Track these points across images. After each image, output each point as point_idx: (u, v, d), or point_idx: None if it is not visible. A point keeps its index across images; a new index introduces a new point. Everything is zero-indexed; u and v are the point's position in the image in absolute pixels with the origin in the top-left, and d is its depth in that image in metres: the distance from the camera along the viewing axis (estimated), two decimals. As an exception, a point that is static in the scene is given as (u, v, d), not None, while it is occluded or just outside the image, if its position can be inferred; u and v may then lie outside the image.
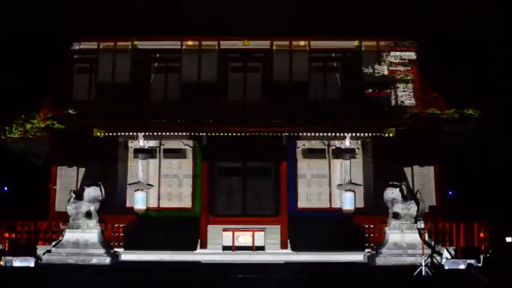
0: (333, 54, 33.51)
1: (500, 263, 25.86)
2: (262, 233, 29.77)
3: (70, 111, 30.77)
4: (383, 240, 27.23)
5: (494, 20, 36.08)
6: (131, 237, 29.51)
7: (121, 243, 29.53)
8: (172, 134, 30.48)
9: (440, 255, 26.51)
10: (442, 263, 25.67)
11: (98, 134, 29.63)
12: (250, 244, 29.51)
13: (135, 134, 30.73)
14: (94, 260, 26.21)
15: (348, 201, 30.83)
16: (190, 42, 33.45)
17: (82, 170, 32.56)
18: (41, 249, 27.25)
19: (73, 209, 27.13)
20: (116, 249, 28.29)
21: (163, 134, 30.35)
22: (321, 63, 33.59)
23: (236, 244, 29.51)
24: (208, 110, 30.71)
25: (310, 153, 32.29)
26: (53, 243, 27.27)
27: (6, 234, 29.27)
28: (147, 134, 30.55)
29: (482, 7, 34.69)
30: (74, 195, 27.44)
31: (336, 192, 31.79)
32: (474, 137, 31.17)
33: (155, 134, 30.41)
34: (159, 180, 32.32)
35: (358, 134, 30.27)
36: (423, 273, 22.67)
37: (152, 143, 31.96)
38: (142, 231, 29.69)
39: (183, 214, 31.45)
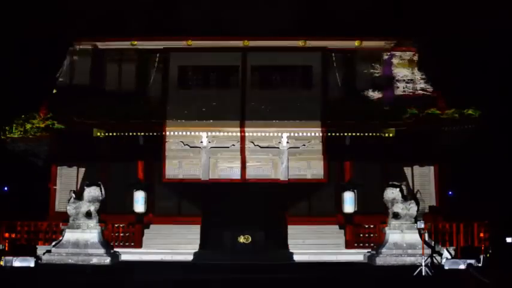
0: (333, 54, 33.49)
1: (500, 263, 25.84)
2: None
3: (70, 111, 30.74)
4: (383, 240, 27.21)
5: (494, 20, 36.06)
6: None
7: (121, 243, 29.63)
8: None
9: (440, 255, 26.48)
10: (442, 263, 25.65)
11: (98, 134, 29.61)
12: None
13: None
14: (94, 260, 26.18)
15: (347, 202, 30.57)
16: (189, 42, 33.43)
17: (82, 170, 32.58)
18: (41, 249, 27.19)
19: (73, 209, 27.11)
20: (116, 249, 28.29)
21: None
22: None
23: (236, 244, 29.45)
24: (208, 110, 30.68)
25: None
26: (53, 243, 27.24)
27: (6, 234, 29.24)
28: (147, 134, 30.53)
29: (482, 7, 34.71)
30: (74, 195, 27.41)
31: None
32: (474, 137, 31.13)
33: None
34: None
35: (358, 134, 30.26)
36: (423, 273, 22.64)
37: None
38: None
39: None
